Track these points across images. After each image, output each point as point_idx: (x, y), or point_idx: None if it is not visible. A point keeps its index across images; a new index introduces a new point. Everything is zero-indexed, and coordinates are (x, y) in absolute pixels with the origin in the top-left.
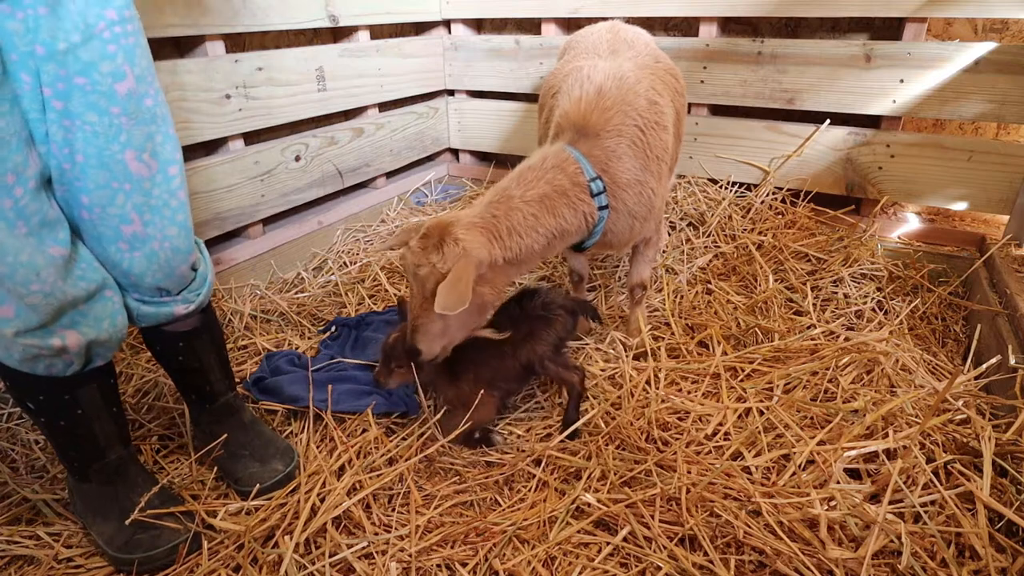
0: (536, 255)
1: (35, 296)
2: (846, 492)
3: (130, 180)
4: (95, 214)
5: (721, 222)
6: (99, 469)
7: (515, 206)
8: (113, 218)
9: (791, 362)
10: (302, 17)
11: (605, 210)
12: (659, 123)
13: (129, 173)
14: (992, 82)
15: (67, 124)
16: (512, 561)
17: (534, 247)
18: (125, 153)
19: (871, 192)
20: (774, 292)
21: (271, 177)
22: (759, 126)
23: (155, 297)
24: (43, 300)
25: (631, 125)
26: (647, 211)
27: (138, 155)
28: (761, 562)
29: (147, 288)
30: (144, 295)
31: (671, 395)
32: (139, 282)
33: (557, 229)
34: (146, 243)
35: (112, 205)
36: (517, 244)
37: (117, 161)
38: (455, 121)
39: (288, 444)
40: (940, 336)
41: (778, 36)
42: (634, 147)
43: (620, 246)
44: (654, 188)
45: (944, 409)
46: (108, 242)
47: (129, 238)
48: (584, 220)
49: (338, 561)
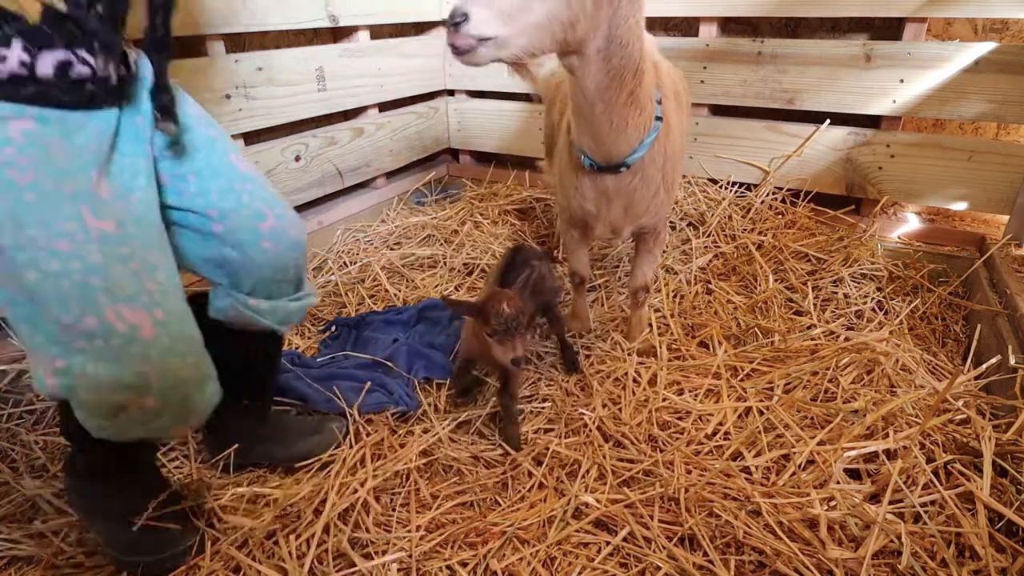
0: (619, 61)
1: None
2: (846, 492)
3: (246, 179)
4: (229, 220)
5: (721, 222)
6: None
7: (641, 8)
8: (252, 219)
9: (791, 362)
10: (302, 17)
11: (659, 122)
12: (687, 102)
13: (240, 172)
14: (992, 82)
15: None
16: (511, 560)
17: (629, 44)
18: (229, 156)
19: (871, 192)
20: (774, 292)
21: (271, 177)
22: (759, 126)
23: (293, 293)
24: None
25: (670, 86)
26: (672, 179)
27: (236, 155)
28: (761, 562)
29: (290, 281)
30: (282, 293)
31: (671, 395)
32: (284, 277)
33: (641, 68)
34: (285, 234)
35: (241, 207)
36: (628, 18)
37: (226, 164)
38: (455, 121)
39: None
40: (940, 336)
41: (778, 36)
42: (676, 102)
43: (638, 213)
44: (679, 158)
45: (944, 409)
46: (249, 246)
47: (268, 233)
48: (650, 106)
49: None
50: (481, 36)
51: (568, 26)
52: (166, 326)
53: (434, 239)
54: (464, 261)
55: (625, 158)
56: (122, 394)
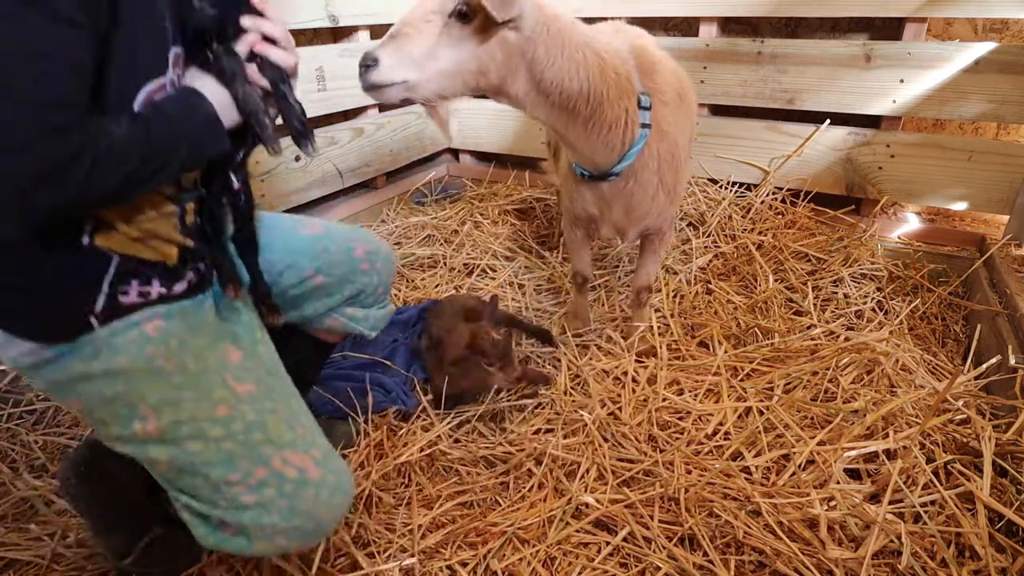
0: (559, 96)
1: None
2: (846, 492)
3: (316, 223)
4: (330, 272)
5: (721, 222)
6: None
7: (576, 32)
8: (343, 254)
9: (791, 362)
10: (302, 17)
11: (646, 130)
12: (692, 102)
13: (312, 236)
14: (992, 82)
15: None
16: (511, 560)
17: (564, 81)
18: (300, 232)
19: (871, 192)
20: (774, 292)
21: (271, 177)
22: (759, 126)
23: (383, 299)
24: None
25: (673, 87)
26: (673, 182)
27: (304, 227)
28: (761, 562)
29: (384, 290)
30: (378, 300)
31: (671, 395)
32: (384, 283)
33: (596, 92)
34: (380, 250)
35: (326, 253)
36: (554, 56)
37: (301, 239)
38: (455, 121)
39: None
40: (940, 336)
41: (778, 36)
42: (675, 105)
43: (639, 216)
44: (682, 160)
45: (944, 409)
46: (353, 274)
47: (364, 256)
48: (624, 119)
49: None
50: (390, 81)
51: (478, 74)
52: (326, 464)
53: (434, 239)
54: (464, 261)
55: (611, 168)
56: (297, 539)
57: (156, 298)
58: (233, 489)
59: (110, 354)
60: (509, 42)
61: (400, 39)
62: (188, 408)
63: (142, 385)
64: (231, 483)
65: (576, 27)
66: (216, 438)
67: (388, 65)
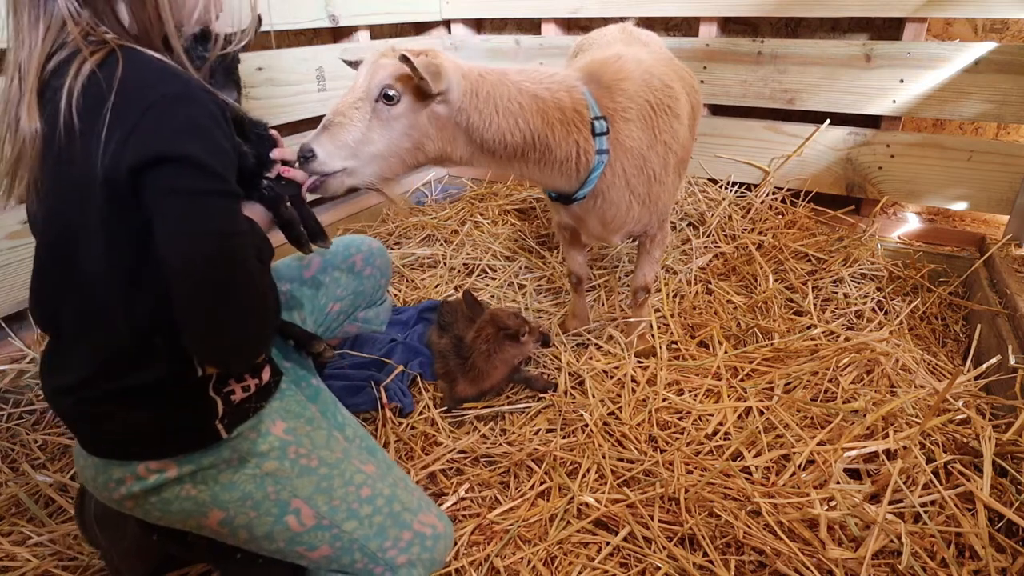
0: (503, 151)
1: None
2: (846, 492)
3: (313, 258)
4: (344, 296)
5: (721, 222)
6: None
7: (507, 83)
8: (347, 272)
9: (791, 362)
10: (302, 17)
11: (604, 155)
12: (671, 108)
13: (304, 262)
14: (992, 82)
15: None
16: (512, 560)
17: (506, 136)
18: (301, 272)
19: (871, 192)
20: (774, 292)
21: None
22: (759, 126)
23: (383, 293)
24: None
25: (643, 98)
26: (646, 192)
27: (307, 269)
28: (761, 562)
29: (386, 282)
30: (381, 295)
31: (671, 395)
32: (385, 276)
33: (540, 137)
34: (373, 248)
35: (338, 285)
36: (489, 117)
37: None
38: None
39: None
40: (940, 336)
41: (778, 36)
42: (643, 119)
43: (616, 227)
44: (656, 171)
45: (944, 409)
46: (360, 283)
47: (363, 263)
48: (576, 152)
49: None
50: (330, 171)
51: (415, 151)
52: (440, 516)
53: (434, 239)
54: (464, 261)
55: (575, 193)
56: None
57: (254, 391)
58: (388, 554)
59: (259, 460)
60: (441, 115)
61: (333, 128)
62: (340, 494)
63: (294, 481)
64: (386, 549)
65: (506, 78)
66: (367, 515)
67: (325, 154)
